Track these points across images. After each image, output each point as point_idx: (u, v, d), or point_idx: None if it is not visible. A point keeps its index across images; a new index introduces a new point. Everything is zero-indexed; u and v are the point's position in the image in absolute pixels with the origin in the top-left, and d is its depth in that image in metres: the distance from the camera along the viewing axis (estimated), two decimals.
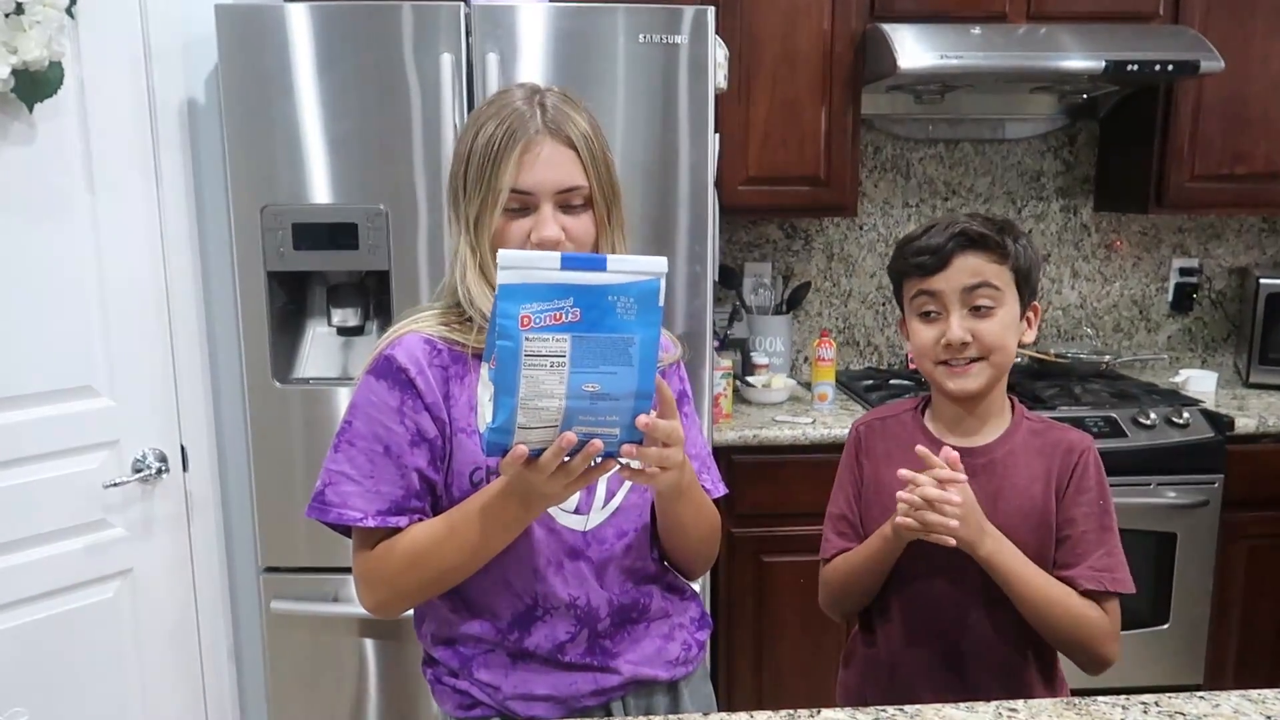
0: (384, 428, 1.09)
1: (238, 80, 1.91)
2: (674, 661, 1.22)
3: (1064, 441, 1.29)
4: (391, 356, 1.10)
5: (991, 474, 1.27)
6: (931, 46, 2.34)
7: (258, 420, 2.00)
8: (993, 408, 1.30)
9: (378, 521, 1.09)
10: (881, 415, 1.40)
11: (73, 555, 1.86)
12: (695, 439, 1.25)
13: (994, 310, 1.23)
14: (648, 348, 0.91)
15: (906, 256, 1.27)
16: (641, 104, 1.96)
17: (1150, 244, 3.01)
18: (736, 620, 2.41)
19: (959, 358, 1.23)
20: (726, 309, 2.80)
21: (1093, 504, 1.26)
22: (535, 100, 1.10)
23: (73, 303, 1.82)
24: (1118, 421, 2.40)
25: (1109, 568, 1.24)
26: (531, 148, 1.07)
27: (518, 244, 1.08)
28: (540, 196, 1.08)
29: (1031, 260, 1.26)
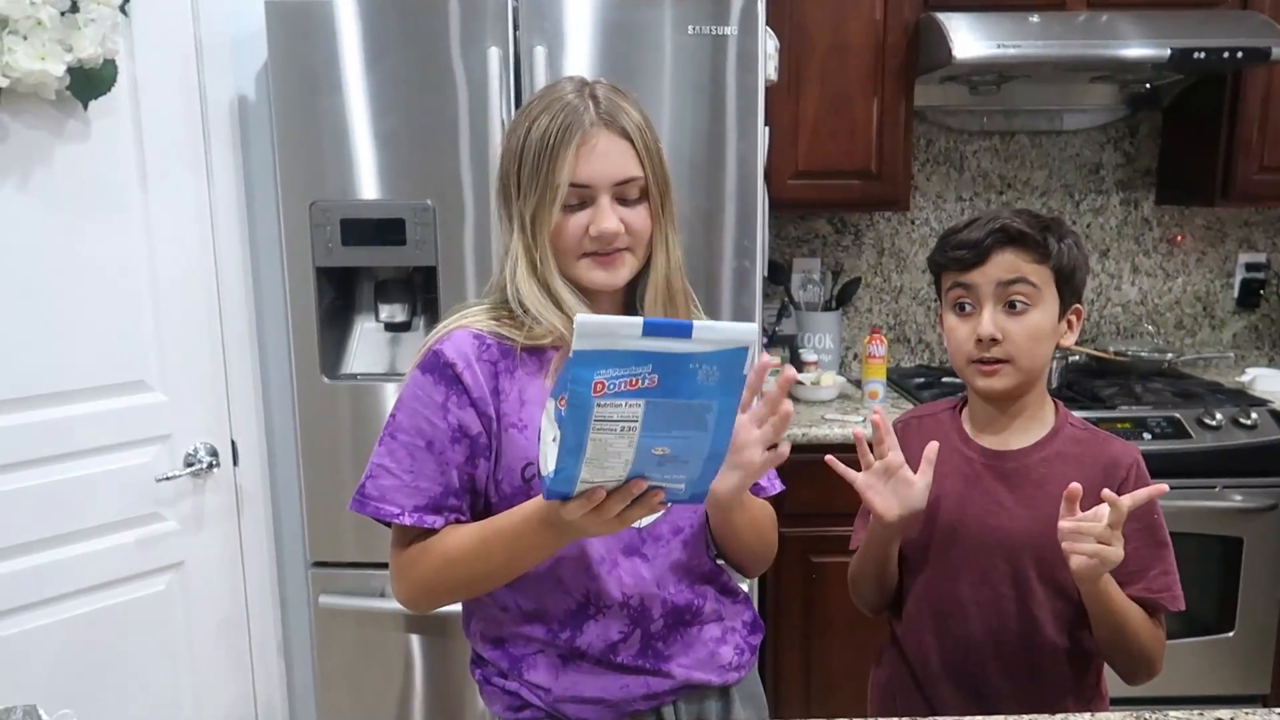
0: (428, 423, 1.09)
1: (286, 76, 1.91)
2: (726, 666, 1.20)
3: (1108, 454, 1.24)
4: (440, 351, 1.10)
5: (1024, 479, 1.24)
6: (988, 35, 2.28)
7: (306, 415, 2.01)
8: (1030, 410, 1.26)
9: (414, 519, 1.08)
10: (920, 414, 1.39)
11: (125, 548, 1.88)
12: None
13: (1029, 309, 1.19)
14: (726, 414, 0.87)
15: (946, 250, 1.24)
16: (689, 96, 1.93)
17: (1215, 238, 2.91)
18: (785, 621, 2.37)
19: (988, 355, 1.20)
20: (775, 305, 2.76)
21: (1145, 519, 1.21)
22: (586, 92, 1.09)
23: (125, 298, 1.84)
24: (1181, 422, 2.32)
25: (1167, 586, 1.21)
26: (588, 140, 1.06)
27: (576, 238, 1.08)
28: (598, 189, 1.07)
29: (1075, 261, 1.22)
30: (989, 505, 1.24)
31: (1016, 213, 1.22)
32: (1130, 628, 1.18)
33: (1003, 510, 1.23)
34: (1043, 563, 1.21)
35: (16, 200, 1.67)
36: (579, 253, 1.09)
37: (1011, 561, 1.22)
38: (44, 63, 1.61)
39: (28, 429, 1.73)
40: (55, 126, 1.71)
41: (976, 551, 1.22)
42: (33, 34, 1.59)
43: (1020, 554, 1.22)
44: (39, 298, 1.72)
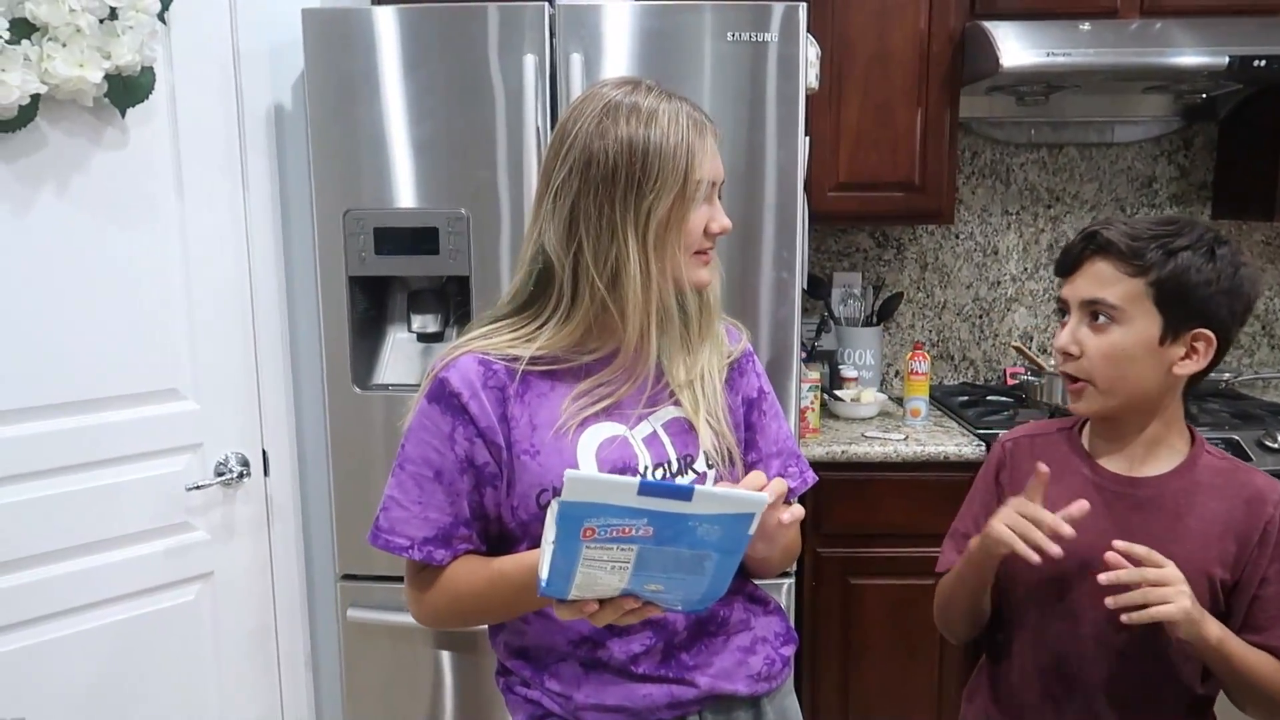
0: (436, 453, 1.07)
1: (323, 84, 1.91)
2: (756, 676, 1.16)
3: (1251, 486, 1.15)
4: (445, 380, 1.07)
5: (1160, 510, 1.14)
6: (1037, 44, 2.22)
7: (337, 426, 1.99)
8: (1160, 435, 1.17)
9: (422, 555, 1.08)
10: (1030, 433, 1.29)
11: (155, 557, 1.87)
12: (778, 432, 1.22)
13: (1110, 326, 1.11)
14: (725, 564, 0.87)
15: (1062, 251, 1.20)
16: (729, 105, 1.89)
17: (1274, 254, 2.80)
18: (822, 643, 2.30)
19: (1066, 370, 1.14)
20: (814, 320, 2.70)
21: None
22: (659, 91, 1.08)
23: (160, 306, 1.83)
24: (1240, 444, 2.22)
25: None
26: (708, 138, 1.08)
27: (697, 234, 1.08)
28: (716, 186, 1.10)
29: (1189, 277, 1.08)
30: (1119, 536, 1.12)
31: (1131, 220, 1.14)
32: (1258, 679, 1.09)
33: (1136, 542, 1.11)
34: None
35: (54, 207, 1.68)
36: (695, 249, 1.09)
37: None
38: (82, 69, 1.61)
39: (60, 436, 1.73)
40: (93, 134, 1.71)
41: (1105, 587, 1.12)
42: (71, 41, 1.60)
43: None
44: (74, 304, 1.72)
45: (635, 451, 1.10)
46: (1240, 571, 1.12)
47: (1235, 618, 1.13)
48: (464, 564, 1.10)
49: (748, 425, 1.20)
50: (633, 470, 1.09)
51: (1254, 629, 1.12)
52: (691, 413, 1.12)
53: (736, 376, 1.20)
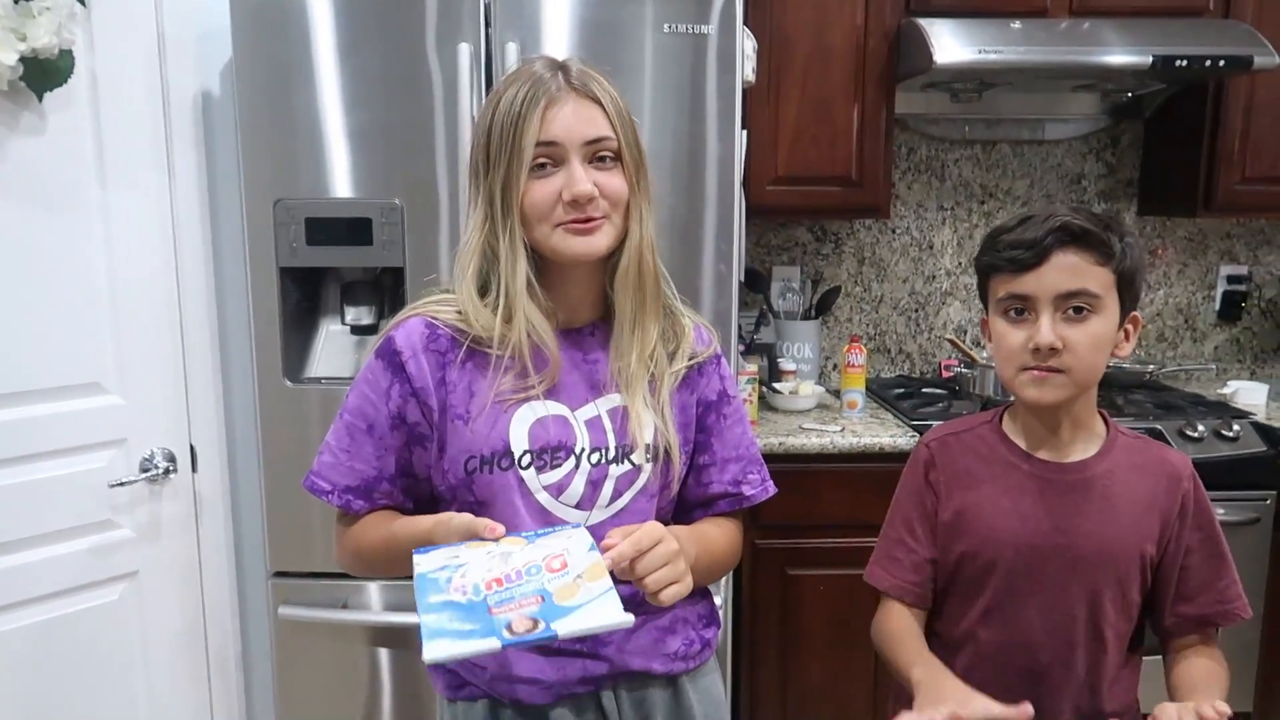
0: (372, 406, 1.10)
1: (253, 71, 1.86)
2: (672, 655, 1.17)
3: (1166, 463, 1.18)
4: (392, 338, 1.10)
5: (1090, 493, 1.16)
6: (969, 41, 2.25)
7: (269, 420, 1.95)
8: (1083, 420, 1.18)
9: (340, 501, 1.12)
10: (953, 430, 1.27)
11: (78, 556, 1.81)
12: (740, 439, 1.22)
13: (1090, 316, 1.09)
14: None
15: (999, 250, 1.13)
16: (669, 97, 1.89)
17: (1197, 250, 2.89)
18: (760, 633, 2.32)
19: (1047, 364, 1.10)
20: (753, 313, 2.72)
21: (1207, 530, 1.17)
22: (557, 66, 1.08)
23: (82, 298, 1.78)
24: (1163, 434, 2.29)
25: (1236, 595, 1.17)
26: (556, 103, 1.04)
27: (548, 204, 1.04)
28: (568, 148, 1.04)
29: (1138, 263, 1.12)
30: (1057, 523, 1.15)
31: (1074, 209, 1.11)
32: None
33: (1075, 528, 1.15)
34: (1116, 581, 1.15)
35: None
36: (554, 221, 1.05)
37: (1087, 584, 1.15)
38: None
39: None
40: (8, 118, 1.65)
41: (1051, 573, 1.14)
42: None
43: (1096, 576, 1.15)
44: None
45: (575, 432, 1.10)
46: (1165, 546, 1.15)
47: (1165, 589, 1.17)
48: (373, 518, 1.13)
49: (702, 427, 1.20)
50: (567, 450, 1.09)
51: (1185, 598, 1.16)
52: (631, 402, 1.11)
53: (696, 377, 1.19)
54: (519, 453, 1.08)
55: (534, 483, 1.09)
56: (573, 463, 1.10)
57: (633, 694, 1.15)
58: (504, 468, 1.08)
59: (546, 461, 1.09)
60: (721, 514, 1.23)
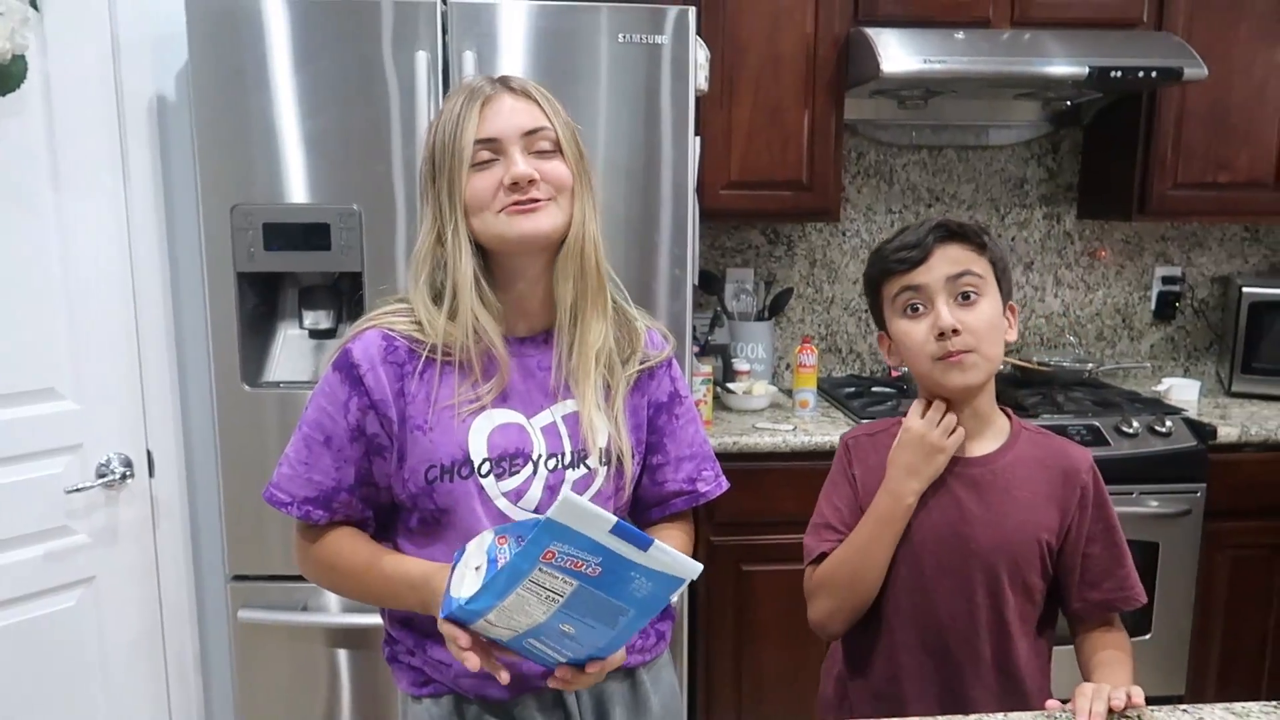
0: (330, 419, 1.12)
1: (209, 76, 1.86)
2: (628, 649, 1.18)
3: (1066, 457, 1.25)
4: (349, 350, 1.12)
5: (993, 486, 1.23)
6: (915, 50, 2.32)
7: (226, 424, 1.95)
8: (985, 415, 1.26)
9: (300, 513, 1.13)
10: (869, 431, 1.35)
11: (33, 562, 1.80)
12: (693, 437, 1.26)
13: (979, 299, 1.19)
14: (634, 624, 0.93)
15: (886, 256, 1.23)
16: (624, 105, 1.93)
17: (1133, 252, 3.00)
18: (715, 629, 2.37)
19: (954, 346, 1.17)
20: (707, 315, 2.77)
21: (1105, 522, 1.24)
22: (497, 79, 1.13)
23: (36, 302, 1.77)
24: (1100, 430, 2.38)
25: (1135, 583, 1.24)
26: (491, 102, 1.09)
27: (490, 193, 1.07)
28: (506, 141, 1.08)
29: (1006, 258, 1.25)
30: (961, 515, 1.22)
31: (942, 216, 1.25)
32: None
33: (975, 519, 1.22)
34: (1014, 569, 1.21)
35: None
36: (496, 207, 1.08)
37: (987, 571, 1.21)
38: None
39: None
40: None
41: (951, 563, 1.21)
42: None
43: (995, 563, 1.21)
44: None
45: (532, 440, 1.13)
46: (1065, 535, 1.23)
47: (1068, 577, 1.24)
48: (348, 539, 1.15)
49: (654, 428, 1.22)
50: (525, 457, 1.12)
51: (1090, 585, 1.23)
52: (584, 407, 1.14)
53: (647, 380, 1.21)
54: (478, 461, 1.10)
55: (493, 490, 1.11)
56: (530, 469, 1.12)
57: (592, 687, 1.18)
58: (464, 476, 1.10)
59: (505, 469, 1.11)
60: (677, 511, 1.27)
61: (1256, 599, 2.47)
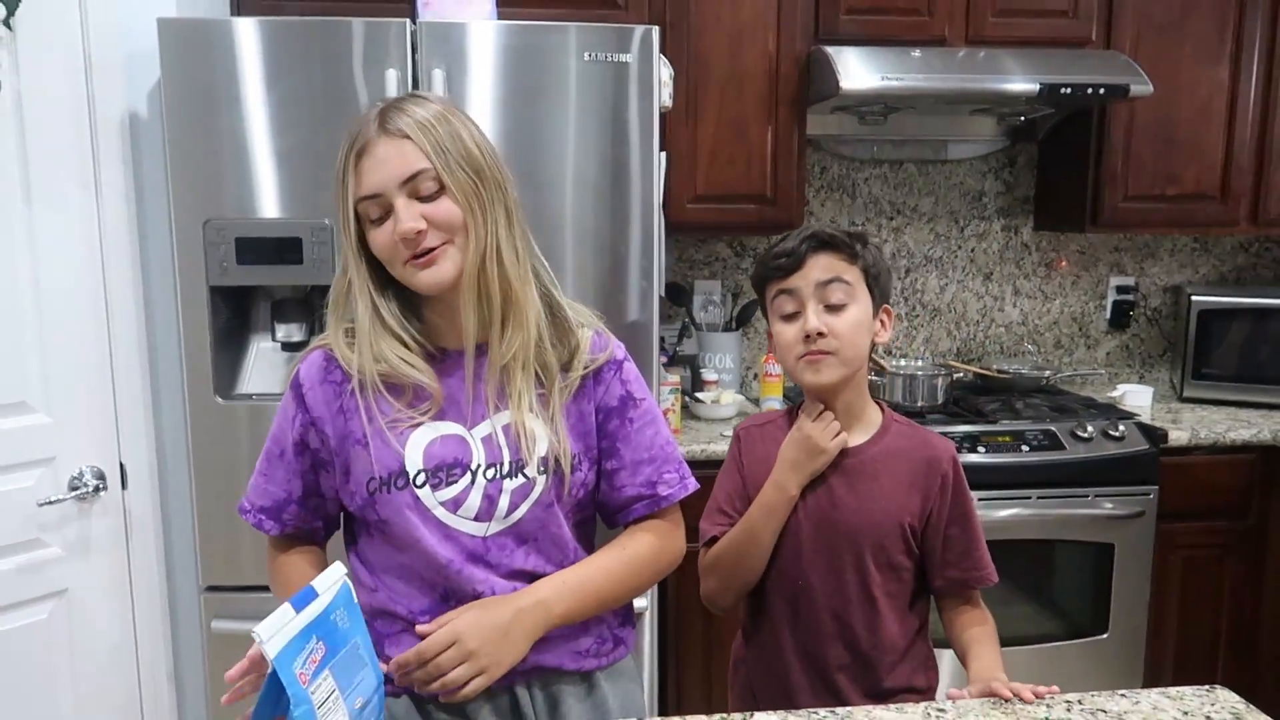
0: (282, 433, 1.20)
1: (181, 94, 1.89)
2: (584, 653, 1.23)
3: (930, 447, 1.37)
4: (298, 370, 1.19)
5: (861, 475, 1.34)
6: (873, 68, 2.39)
7: (199, 437, 1.98)
8: (858, 410, 1.37)
9: (254, 520, 1.21)
10: (759, 421, 1.48)
11: (4, 576, 1.81)
12: (651, 440, 1.24)
13: (846, 306, 1.30)
14: (366, 643, 0.99)
15: (766, 262, 1.34)
16: (591, 121, 1.98)
17: (1089, 263, 3.09)
18: (685, 634, 2.41)
19: (815, 347, 1.29)
20: (676, 326, 2.82)
21: (965, 507, 1.36)
22: (379, 109, 1.13)
23: (7, 316, 1.79)
24: (1056, 435, 2.46)
25: (988, 564, 1.36)
26: (366, 152, 1.10)
27: (390, 249, 1.10)
28: (389, 194, 1.09)
29: (880, 265, 1.35)
30: (832, 500, 1.33)
31: (826, 226, 1.34)
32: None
33: (844, 504, 1.33)
34: (879, 549, 1.32)
35: None
36: (402, 260, 1.11)
37: (854, 551, 1.32)
38: None
39: None
40: None
41: (823, 544, 1.33)
42: None
43: (861, 543, 1.32)
44: None
45: (472, 450, 1.15)
46: (927, 519, 1.34)
47: (931, 556, 1.35)
48: (300, 567, 1.21)
49: (605, 434, 1.22)
50: (464, 467, 1.14)
51: (949, 564, 1.35)
52: (517, 416, 1.15)
53: (593, 385, 1.21)
54: (413, 472, 1.13)
55: (429, 499, 1.14)
56: (469, 479, 1.14)
57: (546, 690, 1.21)
58: (400, 487, 1.13)
59: (442, 479, 1.14)
60: (641, 518, 1.25)
61: (1208, 598, 2.55)
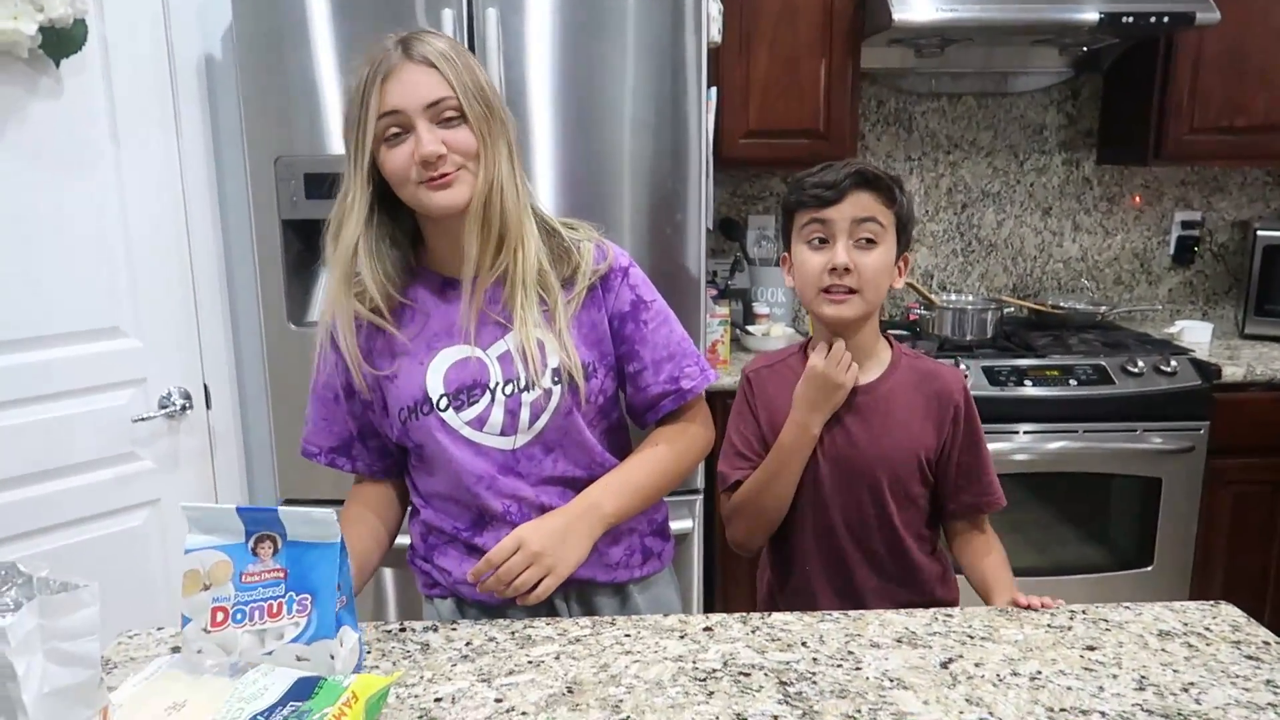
0: (330, 379, 1.27)
1: (252, 35, 2.00)
2: (614, 565, 1.31)
3: (940, 379, 1.38)
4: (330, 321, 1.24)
5: (874, 410, 1.36)
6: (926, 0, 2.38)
7: (275, 360, 2.12)
8: (870, 346, 1.38)
9: (327, 460, 1.31)
10: (767, 363, 1.47)
11: (104, 485, 1.99)
12: (667, 339, 1.30)
13: (876, 245, 1.30)
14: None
15: (805, 188, 1.32)
16: (645, 57, 2.02)
17: (1153, 197, 3.03)
18: (732, 567, 2.50)
19: (840, 284, 1.29)
20: (728, 260, 2.87)
21: (975, 436, 1.38)
22: (399, 39, 1.16)
23: (100, 249, 1.93)
24: (1106, 369, 2.46)
25: (997, 489, 1.39)
26: (393, 75, 1.13)
27: (405, 167, 1.14)
28: (411, 113, 1.13)
29: (911, 213, 1.37)
30: (849, 438, 1.35)
31: (864, 163, 1.32)
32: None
33: (860, 440, 1.35)
34: (895, 481, 1.36)
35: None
36: (415, 181, 1.14)
37: (871, 485, 1.35)
38: (16, 22, 1.70)
39: (12, 371, 1.84)
40: (29, 84, 1.79)
41: (842, 480, 1.35)
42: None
43: (879, 477, 1.35)
44: (19, 247, 1.81)
45: (489, 369, 1.22)
46: (940, 450, 1.37)
47: (944, 484, 1.39)
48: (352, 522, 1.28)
49: (622, 338, 1.28)
50: (483, 386, 1.21)
51: (960, 489, 1.38)
52: (524, 332, 1.19)
53: (602, 293, 1.25)
54: (435, 397, 1.21)
55: (454, 421, 1.21)
56: (489, 397, 1.21)
57: (582, 599, 1.31)
58: (425, 413, 1.21)
59: (464, 400, 1.21)
60: (669, 414, 1.33)
61: (1256, 534, 2.55)
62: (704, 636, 1.12)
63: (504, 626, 1.16)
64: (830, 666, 1.04)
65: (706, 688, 1.00)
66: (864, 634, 1.12)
